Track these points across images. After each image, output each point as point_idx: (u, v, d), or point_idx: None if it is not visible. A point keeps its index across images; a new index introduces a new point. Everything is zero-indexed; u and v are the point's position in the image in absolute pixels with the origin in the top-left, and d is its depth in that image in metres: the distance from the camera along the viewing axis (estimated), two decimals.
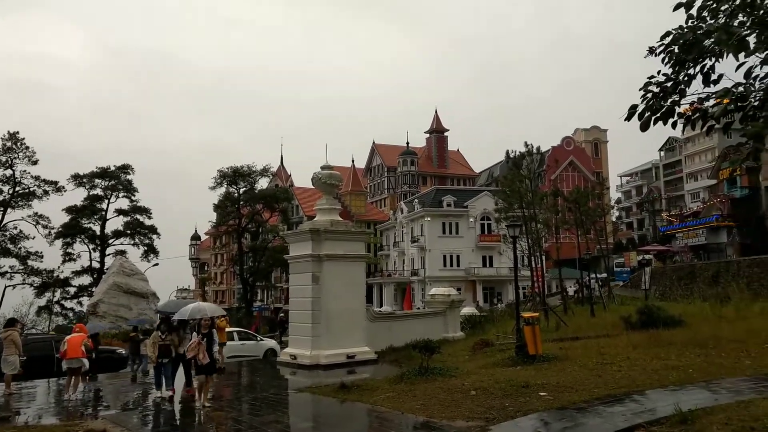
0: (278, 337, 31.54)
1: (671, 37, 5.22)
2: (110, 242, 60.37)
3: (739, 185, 52.71)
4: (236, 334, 24.45)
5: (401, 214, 70.61)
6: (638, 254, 56.28)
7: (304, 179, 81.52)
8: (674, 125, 5.36)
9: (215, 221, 62.39)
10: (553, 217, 37.85)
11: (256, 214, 60.74)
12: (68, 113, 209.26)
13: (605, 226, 49.73)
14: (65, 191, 58.39)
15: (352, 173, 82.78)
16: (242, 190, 59.58)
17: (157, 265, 59.08)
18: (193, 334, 12.74)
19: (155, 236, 61.26)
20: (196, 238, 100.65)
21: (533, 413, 9.41)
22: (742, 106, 4.96)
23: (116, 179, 59.88)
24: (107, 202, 60.13)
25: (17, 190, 55.96)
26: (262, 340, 26.33)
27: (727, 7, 5.03)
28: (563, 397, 10.37)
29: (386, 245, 76.42)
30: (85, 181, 58.98)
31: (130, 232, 60.63)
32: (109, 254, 58.96)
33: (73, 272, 59.15)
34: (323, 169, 20.49)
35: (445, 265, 62.96)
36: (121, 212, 60.74)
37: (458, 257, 63.43)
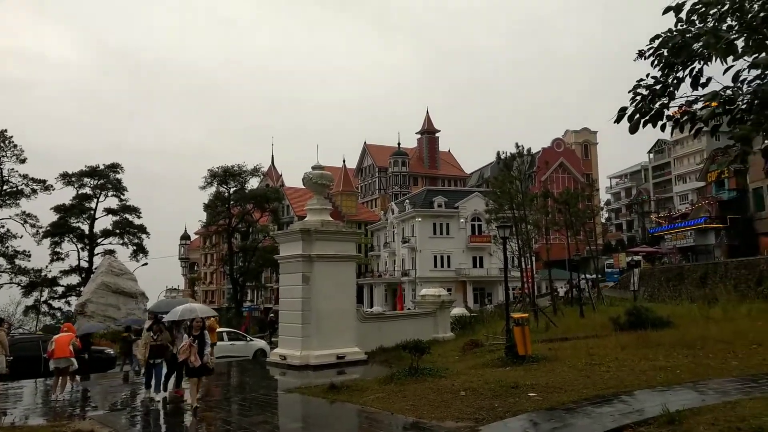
0: (268, 337, 31.50)
1: (660, 40, 5.27)
2: (99, 241, 59.89)
3: (727, 187, 53.27)
4: (226, 334, 24.37)
5: (392, 214, 70.57)
6: (627, 255, 56.57)
7: (295, 179, 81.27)
8: (663, 128, 5.41)
9: (205, 221, 62.14)
10: (543, 218, 37.99)
11: (246, 213, 60.55)
12: (68, 113, 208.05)
13: (595, 227, 49.93)
14: (54, 190, 57.98)
15: (343, 173, 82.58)
16: (233, 189, 59.38)
17: (146, 264, 58.66)
18: (184, 335, 12.64)
19: (144, 236, 61.01)
20: (185, 237, 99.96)
21: (522, 414, 9.44)
22: (730, 109, 5.01)
23: (105, 178, 59.43)
24: (96, 201, 59.71)
25: (5, 188, 55.44)
26: (251, 340, 26.24)
27: (715, 11, 5.08)
28: (552, 397, 10.41)
29: (377, 246, 76.33)
30: (73, 179, 58.47)
31: (119, 231, 60.20)
32: (97, 254, 58.51)
33: (61, 272, 58.79)
34: (314, 169, 20.45)
35: (435, 265, 62.96)
36: (110, 211, 60.31)
37: (449, 258, 63.46)
